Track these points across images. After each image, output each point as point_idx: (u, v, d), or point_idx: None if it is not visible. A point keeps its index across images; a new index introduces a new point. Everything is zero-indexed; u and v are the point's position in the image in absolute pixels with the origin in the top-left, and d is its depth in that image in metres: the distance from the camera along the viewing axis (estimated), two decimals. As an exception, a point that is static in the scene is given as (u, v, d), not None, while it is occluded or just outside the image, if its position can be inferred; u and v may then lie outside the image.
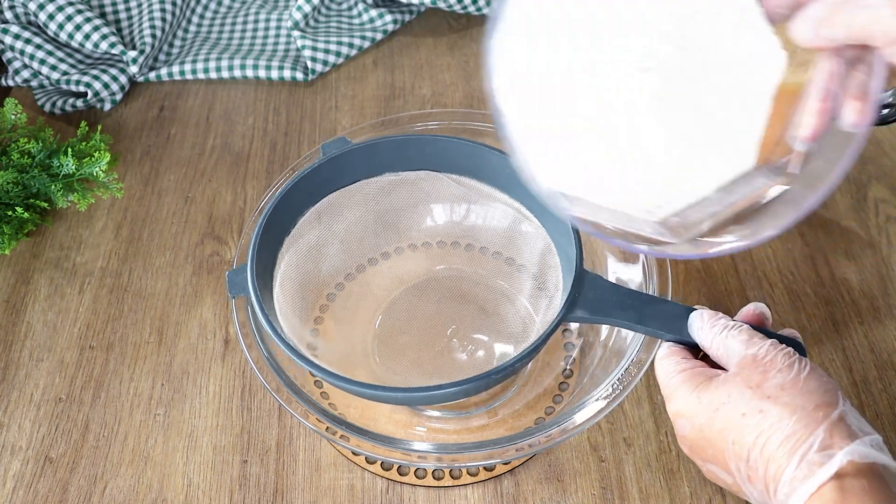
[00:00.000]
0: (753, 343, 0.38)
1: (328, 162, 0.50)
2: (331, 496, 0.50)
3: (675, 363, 0.40)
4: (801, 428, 0.34)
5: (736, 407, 0.36)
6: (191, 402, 0.55)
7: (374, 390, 0.42)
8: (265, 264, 0.48)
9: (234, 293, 0.46)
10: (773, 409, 0.35)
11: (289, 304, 0.49)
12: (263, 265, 0.47)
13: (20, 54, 0.74)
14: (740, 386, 0.36)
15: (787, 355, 0.37)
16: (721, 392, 0.37)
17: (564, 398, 0.52)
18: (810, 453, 0.33)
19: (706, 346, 0.40)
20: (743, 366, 0.37)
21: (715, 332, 0.39)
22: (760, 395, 0.36)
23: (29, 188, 0.61)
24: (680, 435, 0.39)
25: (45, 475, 0.51)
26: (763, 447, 0.35)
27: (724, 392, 0.37)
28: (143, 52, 0.74)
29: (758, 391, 0.36)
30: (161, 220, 0.66)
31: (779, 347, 0.37)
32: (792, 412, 0.34)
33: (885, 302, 0.60)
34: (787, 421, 0.34)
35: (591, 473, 0.51)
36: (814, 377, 0.36)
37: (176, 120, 0.74)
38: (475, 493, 0.50)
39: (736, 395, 0.36)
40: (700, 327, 0.40)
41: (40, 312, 0.59)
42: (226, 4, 0.85)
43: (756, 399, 0.36)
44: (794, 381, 0.36)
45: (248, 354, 0.46)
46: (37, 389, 0.55)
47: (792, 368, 0.36)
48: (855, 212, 0.66)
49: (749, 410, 0.35)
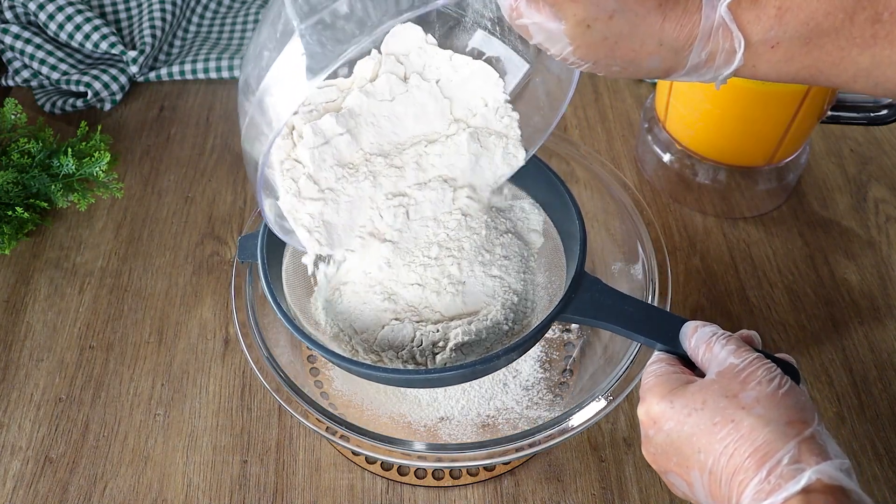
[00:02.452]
0: (739, 353, 0.37)
1: None
2: (331, 496, 0.50)
3: (656, 367, 0.39)
4: (772, 441, 0.33)
5: (709, 414, 0.35)
6: (191, 402, 0.55)
7: (367, 370, 0.42)
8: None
9: (244, 258, 0.46)
10: (746, 419, 0.34)
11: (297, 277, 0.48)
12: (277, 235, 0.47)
13: (20, 54, 0.74)
14: (716, 394, 0.36)
15: (768, 370, 0.36)
16: (696, 397, 0.36)
17: (564, 398, 0.52)
18: (780, 467, 0.33)
19: (692, 350, 0.39)
20: (723, 374, 0.37)
21: (703, 336, 0.39)
22: (736, 405, 0.35)
23: (29, 188, 0.61)
24: (646, 437, 0.38)
25: (45, 475, 0.51)
26: (731, 457, 0.34)
27: (699, 398, 0.36)
28: (143, 52, 0.74)
29: (733, 401, 0.35)
30: (161, 220, 0.66)
31: (763, 361, 0.37)
32: (765, 424, 0.34)
33: (885, 302, 0.60)
34: (759, 433, 0.34)
35: (590, 473, 0.51)
36: (792, 394, 0.35)
37: (176, 120, 0.74)
38: (475, 493, 0.50)
39: (711, 402, 0.36)
40: (690, 334, 0.39)
41: (40, 312, 0.59)
42: (225, 4, 0.85)
43: (731, 409, 0.35)
44: (772, 394, 0.35)
45: (248, 354, 0.46)
46: (37, 389, 0.55)
47: (771, 383, 0.35)
48: (855, 212, 0.66)
49: (722, 419, 0.35)
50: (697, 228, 0.65)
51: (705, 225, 0.66)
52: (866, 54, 0.36)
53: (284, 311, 0.43)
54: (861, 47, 0.36)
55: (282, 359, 0.46)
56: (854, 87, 0.38)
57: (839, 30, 0.35)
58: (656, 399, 0.37)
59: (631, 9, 0.34)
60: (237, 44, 0.80)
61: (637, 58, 0.36)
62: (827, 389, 0.55)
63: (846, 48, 0.36)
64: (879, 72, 0.37)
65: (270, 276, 0.44)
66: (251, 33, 0.81)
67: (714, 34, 0.35)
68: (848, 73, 0.37)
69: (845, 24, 0.35)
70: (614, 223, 0.54)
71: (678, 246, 0.64)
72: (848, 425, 0.54)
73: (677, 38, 0.35)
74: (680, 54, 0.36)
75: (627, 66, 0.37)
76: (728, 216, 0.66)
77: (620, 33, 0.35)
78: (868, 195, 0.68)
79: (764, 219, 0.66)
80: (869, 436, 0.53)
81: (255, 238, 0.46)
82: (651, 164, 0.68)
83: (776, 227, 0.65)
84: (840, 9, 0.35)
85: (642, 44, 0.35)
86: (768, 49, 0.36)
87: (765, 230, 0.65)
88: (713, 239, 0.64)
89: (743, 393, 0.35)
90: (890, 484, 0.51)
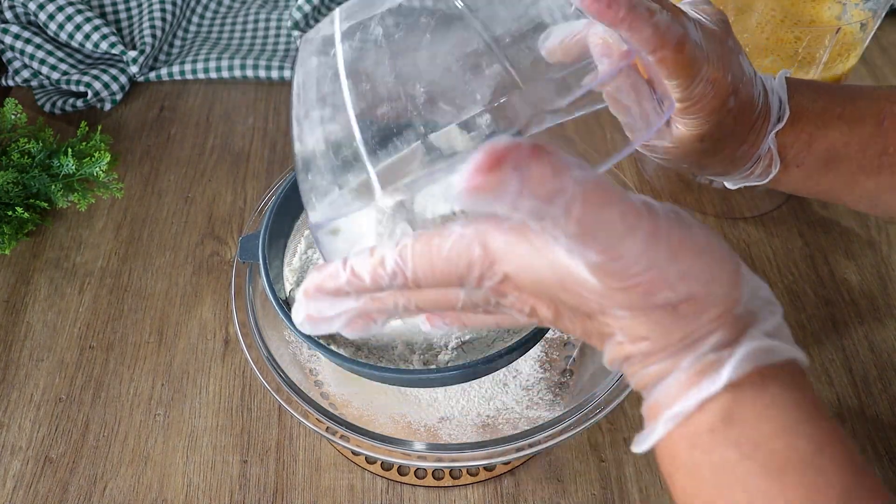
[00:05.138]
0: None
1: None
2: (331, 496, 0.50)
3: None
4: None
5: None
6: (191, 402, 0.55)
7: (367, 369, 0.42)
8: (280, 231, 0.47)
9: (245, 258, 0.46)
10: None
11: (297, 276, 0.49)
12: (278, 232, 0.47)
13: (20, 54, 0.74)
14: None
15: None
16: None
17: (564, 398, 0.52)
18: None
19: None
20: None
21: None
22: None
23: (29, 188, 0.61)
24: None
25: (45, 475, 0.51)
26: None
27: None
28: (143, 52, 0.74)
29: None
30: (161, 220, 0.66)
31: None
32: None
33: (885, 302, 0.60)
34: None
35: (590, 473, 0.51)
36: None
37: (176, 120, 0.74)
38: (475, 493, 0.50)
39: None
40: None
41: (40, 312, 0.59)
42: (226, 4, 0.85)
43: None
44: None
45: (248, 354, 0.46)
46: (37, 389, 0.55)
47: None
48: (855, 212, 0.66)
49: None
50: (697, 228, 0.65)
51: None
52: (872, 180, 0.43)
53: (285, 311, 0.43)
54: (868, 174, 0.43)
55: (282, 359, 0.46)
56: (858, 206, 0.45)
57: (852, 157, 0.42)
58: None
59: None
60: (237, 44, 0.80)
61: (710, 169, 0.44)
62: (827, 389, 0.55)
63: (856, 173, 0.43)
64: (881, 196, 0.44)
65: (271, 276, 0.44)
66: (251, 33, 0.81)
67: (763, 156, 0.43)
68: (855, 193, 0.44)
69: (858, 154, 0.42)
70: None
71: (678, 246, 0.64)
72: (848, 425, 0.54)
73: (743, 157, 0.43)
74: (737, 163, 0.43)
75: (695, 169, 0.44)
76: (728, 216, 0.66)
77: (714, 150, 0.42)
78: (868, 195, 0.68)
79: (764, 219, 0.66)
80: (869, 436, 0.53)
81: (255, 238, 0.46)
82: (651, 164, 0.68)
83: (776, 227, 0.65)
84: (856, 141, 0.42)
85: (722, 158, 0.43)
86: (795, 168, 0.43)
87: (765, 230, 0.65)
88: (713, 239, 0.64)
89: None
90: (891, 484, 0.51)
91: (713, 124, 0.39)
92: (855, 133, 0.42)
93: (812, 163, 0.43)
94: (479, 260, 0.28)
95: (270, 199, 0.50)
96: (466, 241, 0.28)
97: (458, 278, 0.29)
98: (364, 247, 0.31)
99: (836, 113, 0.42)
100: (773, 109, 0.42)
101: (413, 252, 0.29)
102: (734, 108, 0.39)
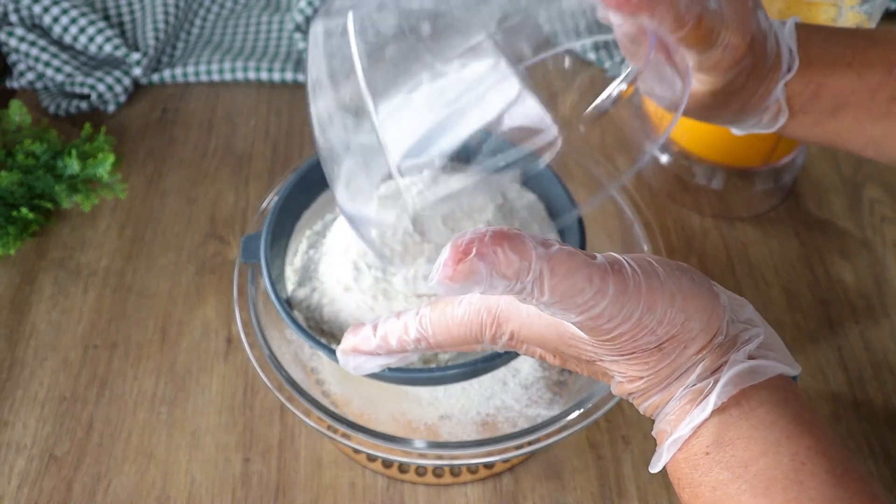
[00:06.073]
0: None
1: None
2: (332, 494, 0.51)
3: None
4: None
5: None
6: (194, 401, 0.55)
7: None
8: (282, 232, 0.48)
9: (247, 259, 0.47)
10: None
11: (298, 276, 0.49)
12: (280, 232, 0.47)
13: (25, 56, 0.74)
14: None
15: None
16: None
17: (563, 396, 0.53)
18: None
19: None
20: None
21: None
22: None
23: (34, 189, 0.62)
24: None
25: (50, 472, 0.52)
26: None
27: None
28: (147, 55, 0.75)
29: None
30: (164, 220, 0.66)
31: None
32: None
33: (880, 301, 0.61)
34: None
35: (589, 471, 0.52)
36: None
37: (179, 122, 0.74)
38: (475, 491, 0.51)
39: None
40: None
41: (45, 312, 0.60)
42: (228, 7, 0.85)
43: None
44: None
45: (251, 353, 0.46)
46: (41, 388, 0.56)
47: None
48: (850, 212, 0.67)
49: None
50: (695, 229, 0.66)
51: (703, 225, 0.66)
52: (879, 126, 0.42)
53: (287, 311, 0.43)
54: (875, 120, 0.42)
55: (283, 358, 0.47)
56: (865, 152, 0.45)
57: (860, 104, 0.42)
58: None
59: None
60: (239, 46, 0.81)
61: (718, 119, 0.43)
62: (823, 388, 0.56)
63: (863, 120, 0.42)
64: (887, 142, 0.43)
65: (273, 276, 0.45)
66: (253, 35, 0.82)
67: (772, 105, 0.42)
68: (861, 140, 0.43)
69: (866, 101, 0.42)
70: (612, 223, 0.55)
71: (676, 246, 0.65)
72: (843, 424, 0.54)
73: (753, 107, 0.42)
74: (745, 113, 0.42)
75: (703, 119, 0.43)
76: (725, 217, 0.67)
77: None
78: (863, 196, 0.68)
79: (761, 219, 0.67)
80: (865, 434, 0.54)
81: (257, 238, 0.46)
82: (649, 165, 0.69)
83: (773, 227, 0.66)
84: (865, 88, 0.41)
85: (732, 109, 0.42)
86: (802, 115, 0.43)
87: (762, 230, 0.66)
88: (710, 239, 0.65)
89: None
90: (885, 482, 0.51)
91: (726, 81, 0.39)
92: (864, 80, 0.41)
93: (820, 110, 0.43)
94: (487, 323, 0.33)
95: (272, 200, 0.50)
96: (475, 308, 0.33)
97: (474, 338, 0.33)
98: (391, 313, 0.36)
99: (846, 61, 0.41)
100: (783, 59, 0.41)
101: (431, 320, 0.34)
102: (748, 65, 0.39)
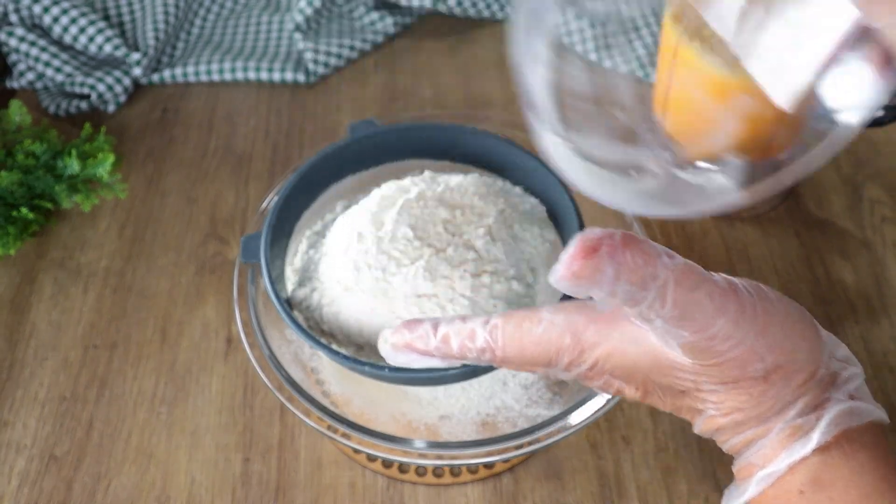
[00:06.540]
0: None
1: (356, 141, 0.51)
2: (332, 494, 0.51)
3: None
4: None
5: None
6: (193, 401, 0.55)
7: (369, 368, 0.42)
8: (282, 232, 0.48)
9: (247, 259, 0.47)
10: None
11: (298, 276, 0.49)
12: (280, 232, 0.48)
13: (25, 56, 0.75)
14: None
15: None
16: None
17: (563, 396, 0.53)
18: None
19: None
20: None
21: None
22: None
23: (34, 189, 0.62)
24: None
25: (50, 472, 0.52)
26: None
27: None
28: (147, 55, 0.75)
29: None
30: (164, 220, 0.66)
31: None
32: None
33: (881, 302, 0.61)
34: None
35: (589, 471, 0.52)
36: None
37: (179, 122, 0.74)
38: (475, 491, 0.51)
39: None
40: None
41: (45, 312, 0.60)
42: (228, 7, 0.85)
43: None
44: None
45: (251, 353, 0.46)
46: (41, 388, 0.56)
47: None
48: (850, 212, 0.67)
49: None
50: (695, 229, 0.66)
51: (703, 226, 0.66)
52: None
53: (287, 311, 0.43)
54: None
55: (283, 358, 0.47)
56: None
57: None
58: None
59: None
60: (239, 46, 0.81)
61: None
62: (823, 388, 0.56)
63: None
64: None
65: (273, 276, 0.45)
66: (253, 35, 0.82)
67: None
68: None
69: None
70: (612, 223, 0.55)
71: (676, 246, 0.65)
72: (843, 424, 0.54)
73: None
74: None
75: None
76: (725, 217, 0.67)
77: None
78: (863, 196, 0.68)
79: (761, 219, 0.67)
80: (864, 434, 0.54)
81: (257, 238, 0.46)
82: (649, 165, 0.69)
83: (773, 227, 0.66)
84: None
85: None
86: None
87: (762, 231, 0.66)
88: (710, 239, 0.65)
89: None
90: (884, 482, 0.51)
91: None
92: None
93: None
94: (568, 349, 0.30)
95: (272, 200, 0.50)
96: (558, 330, 0.30)
97: (547, 361, 0.31)
98: (455, 315, 0.33)
99: None
100: None
101: (504, 333, 0.31)
102: None
